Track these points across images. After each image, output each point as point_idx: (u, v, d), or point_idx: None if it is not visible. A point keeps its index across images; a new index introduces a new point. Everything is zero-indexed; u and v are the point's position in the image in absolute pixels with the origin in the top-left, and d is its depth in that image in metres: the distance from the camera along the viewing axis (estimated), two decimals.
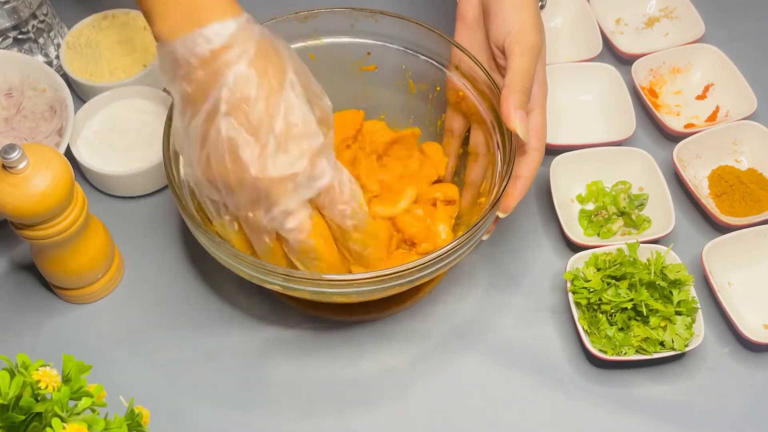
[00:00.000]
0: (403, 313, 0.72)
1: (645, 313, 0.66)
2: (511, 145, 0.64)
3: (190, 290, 0.73)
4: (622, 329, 0.67)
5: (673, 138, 0.82)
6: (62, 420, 0.46)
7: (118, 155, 0.77)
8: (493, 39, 0.66)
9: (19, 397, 0.46)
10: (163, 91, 0.69)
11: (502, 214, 0.64)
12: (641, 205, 0.77)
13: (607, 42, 0.89)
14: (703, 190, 0.79)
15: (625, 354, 0.66)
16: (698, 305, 0.67)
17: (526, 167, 0.64)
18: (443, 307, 0.72)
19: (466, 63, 0.69)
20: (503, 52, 0.65)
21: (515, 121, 0.61)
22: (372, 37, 0.73)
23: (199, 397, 0.67)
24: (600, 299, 0.67)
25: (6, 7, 0.79)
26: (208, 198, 0.59)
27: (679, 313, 0.67)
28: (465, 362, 0.69)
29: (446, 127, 0.73)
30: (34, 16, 0.82)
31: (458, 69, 0.70)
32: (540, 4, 0.90)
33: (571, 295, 0.69)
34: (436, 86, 0.73)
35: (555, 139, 0.80)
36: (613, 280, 0.69)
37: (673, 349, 0.66)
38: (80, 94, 0.84)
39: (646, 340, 0.66)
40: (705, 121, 0.85)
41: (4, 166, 0.57)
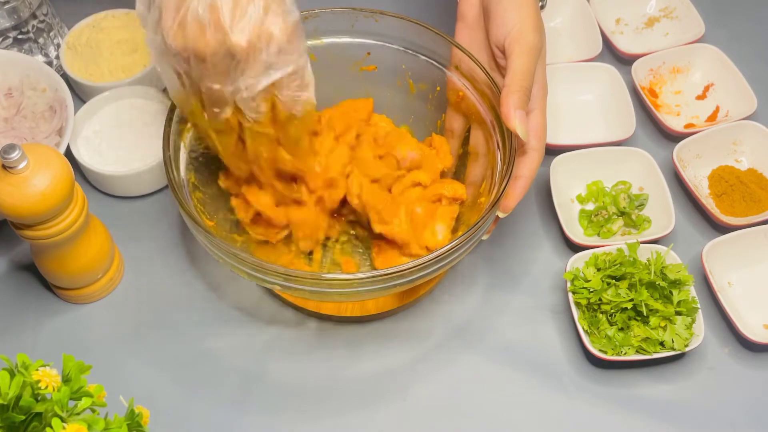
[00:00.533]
0: (403, 313, 0.72)
1: (645, 313, 0.66)
2: (511, 145, 0.64)
3: (190, 290, 0.73)
4: (622, 329, 0.67)
5: (673, 138, 0.82)
6: (62, 420, 0.46)
7: (118, 155, 0.77)
8: (493, 39, 0.66)
9: (19, 397, 0.46)
10: None
11: (502, 214, 0.64)
12: (641, 205, 0.77)
13: (607, 42, 0.89)
14: (703, 190, 0.79)
15: (625, 354, 0.66)
16: (698, 305, 0.67)
17: (526, 167, 0.64)
18: (443, 307, 0.72)
19: (466, 63, 0.69)
20: (503, 52, 0.65)
21: (515, 121, 0.61)
22: (372, 37, 0.73)
23: (199, 397, 0.67)
24: (600, 299, 0.67)
25: (6, 7, 0.79)
26: (171, 68, 0.58)
27: (679, 313, 0.67)
28: (465, 362, 0.69)
29: (446, 127, 0.73)
30: (34, 16, 0.82)
31: (458, 69, 0.70)
32: (540, 4, 0.90)
33: (571, 295, 0.69)
34: (436, 86, 0.73)
35: (555, 139, 0.80)
36: (613, 280, 0.69)
37: (673, 349, 0.66)
38: (80, 94, 0.84)
39: (646, 340, 0.66)
40: (705, 121, 0.85)
41: (4, 166, 0.57)
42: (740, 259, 0.73)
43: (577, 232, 0.76)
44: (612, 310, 0.67)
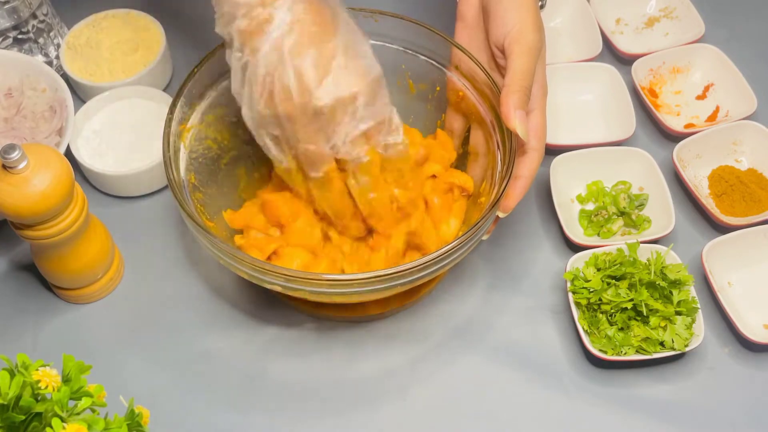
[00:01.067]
0: (403, 313, 0.72)
1: (645, 313, 0.66)
2: (511, 145, 0.64)
3: (190, 290, 0.73)
4: (622, 329, 0.67)
5: (673, 138, 0.82)
6: (62, 420, 0.46)
7: (118, 155, 0.77)
8: (493, 39, 0.66)
9: (19, 397, 0.46)
10: (219, 46, 0.66)
11: (502, 214, 0.64)
12: (641, 205, 0.77)
13: (607, 42, 0.89)
14: (703, 190, 0.79)
15: (625, 354, 0.66)
16: (698, 305, 0.67)
17: (526, 167, 0.64)
18: (443, 307, 0.72)
19: (466, 63, 0.69)
20: (503, 52, 0.65)
21: (515, 121, 0.61)
22: (371, 37, 0.72)
23: (199, 397, 0.67)
24: (600, 299, 0.67)
25: (6, 7, 0.79)
26: (269, 135, 0.60)
27: (679, 313, 0.67)
28: (465, 362, 0.69)
29: (446, 127, 0.73)
30: (34, 16, 0.82)
31: (458, 69, 0.70)
32: (540, 3, 0.90)
33: (571, 295, 0.69)
34: (436, 86, 0.73)
35: (555, 139, 0.80)
36: (613, 280, 0.69)
37: (673, 349, 0.66)
38: (80, 94, 0.84)
39: (646, 340, 0.66)
40: (705, 121, 0.85)
41: (4, 166, 0.57)
42: (740, 259, 0.73)
43: (577, 232, 0.76)
44: (612, 310, 0.67)
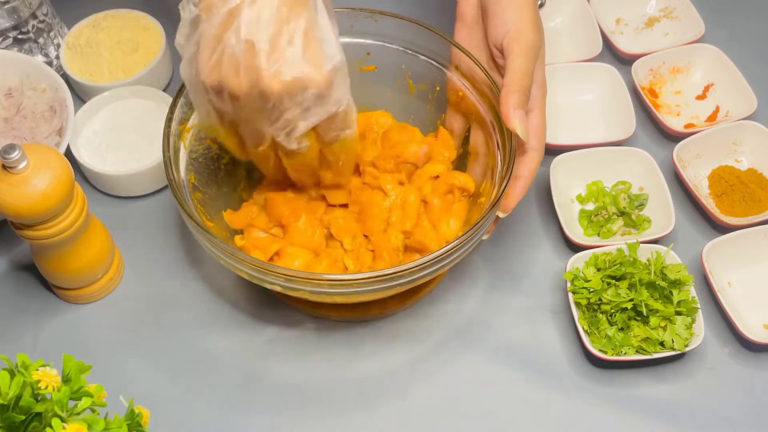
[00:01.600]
0: (403, 313, 0.72)
1: (645, 313, 0.66)
2: (511, 145, 0.64)
3: (190, 290, 0.73)
4: (622, 329, 0.67)
5: (673, 138, 0.82)
6: (62, 420, 0.46)
7: (118, 155, 0.77)
8: (492, 39, 0.66)
9: (19, 397, 0.46)
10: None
11: (502, 214, 0.64)
12: (641, 205, 0.77)
13: (607, 42, 0.89)
14: (703, 190, 0.79)
15: (625, 354, 0.66)
16: (698, 305, 0.67)
17: (526, 167, 0.64)
18: (443, 307, 0.72)
19: (466, 63, 0.69)
20: (502, 52, 0.65)
21: (515, 121, 0.61)
22: (371, 37, 0.73)
23: (199, 397, 0.67)
24: (600, 299, 0.67)
25: (6, 7, 0.79)
26: (205, 101, 0.57)
27: (679, 313, 0.67)
28: (465, 362, 0.69)
29: (446, 126, 0.73)
30: (34, 16, 0.82)
31: (458, 69, 0.70)
32: (539, 2, 0.90)
33: (571, 295, 0.69)
34: (436, 86, 0.73)
35: (555, 139, 0.80)
36: (613, 280, 0.69)
37: (673, 349, 0.66)
38: (80, 94, 0.84)
39: (646, 340, 0.66)
40: (705, 121, 0.85)
41: (4, 166, 0.57)
42: (740, 259, 0.73)
43: (577, 232, 0.76)
44: (612, 310, 0.67)
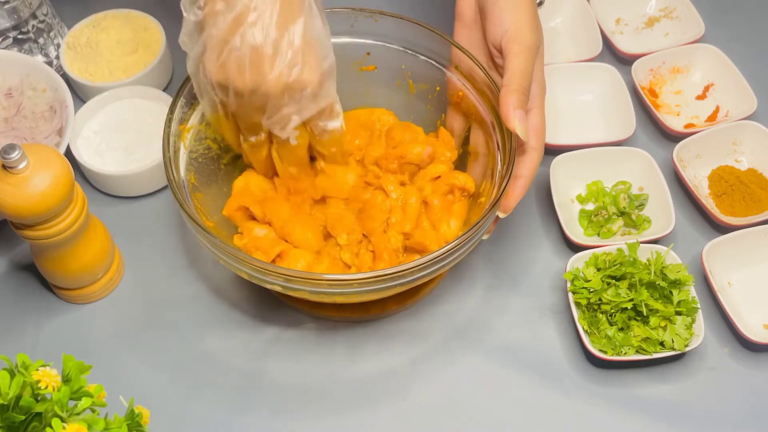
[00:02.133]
0: (403, 313, 0.72)
1: (645, 313, 0.66)
2: (511, 145, 0.64)
3: (190, 290, 0.73)
4: (622, 329, 0.67)
5: (673, 138, 0.82)
6: (62, 420, 0.46)
7: (118, 155, 0.77)
8: (490, 38, 0.66)
9: (19, 397, 0.46)
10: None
11: (502, 214, 0.64)
12: (641, 205, 0.77)
13: (607, 42, 0.89)
14: (703, 190, 0.79)
15: (625, 354, 0.66)
16: (698, 305, 0.67)
17: (526, 167, 0.64)
18: (443, 307, 0.72)
19: (466, 63, 0.69)
20: (500, 51, 0.65)
21: (514, 121, 0.61)
22: (371, 37, 0.73)
23: (199, 397, 0.67)
24: (600, 299, 0.67)
25: (6, 7, 0.79)
26: (210, 95, 0.61)
27: (679, 313, 0.67)
28: (465, 362, 0.69)
29: (447, 126, 0.73)
30: (34, 16, 0.82)
31: (458, 69, 0.70)
32: (538, 1, 0.90)
33: (571, 295, 0.69)
34: (436, 86, 0.73)
35: (555, 139, 0.80)
36: (613, 280, 0.69)
37: (673, 349, 0.66)
38: (80, 94, 0.84)
39: (646, 340, 0.66)
40: (705, 121, 0.85)
41: (4, 166, 0.57)
42: (740, 259, 0.73)
43: (577, 232, 0.76)
44: (612, 310, 0.67)
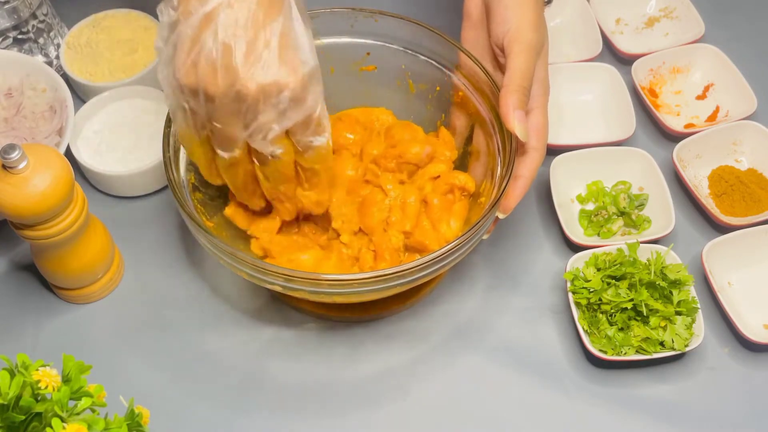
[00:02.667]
0: (403, 313, 0.72)
1: (645, 313, 0.66)
2: (512, 146, 0.64)
3: (190, 290, 0.73)
4: (622, 329, 0.67)
5: (673, 138, 0.82)
6: (62, 420, 0.46)
7: (118, 155, 0.77)
8: (493, 38, 0.66)
9: (19, 397, 0.46)
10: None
11: (501, 215, 0.64)
12: (641, 205, 0.77)
13: (607, 42, 0.89)
14: (703, 190, 0.79)
15: (625, 354, 0.66)
16: (698, 305, 0.67)
17: (526, 167, 0.64)
18: (443, 307, 0.72)
19: (467, 62, 0.69)
20: (503, 51, 0.65)
21: (514, 122, 0.61)
22: (371, 37, 0.73)
23: (199, 397, 0.67)
24: (600, 299, 0.67)
25: (6, 7, 0.79)
26: (180, 103, 0.57)
27: (679, 313, 0.67)
28: (465, 362, 0.69)
29: (450, 124, 0.73)
30: (34, 16, 0.82)
31: (458, 69, 0.70)
32: (545, 0, 0.90)
33: (571, 295, 0.69)
34: (436, 86, 0.73)
35: (555, 139, 0.80)
36: (613, 280, 0.69)
37: (673, 349, 0.66)
38: (80, 94, 0.84)
39: (646, 340, 0.66)
40: (705, 121, 0.85)
41: (4, 166, 0.57)
42: (740, 259, 0.73)
43: (577, 232, 0.76)
44: (612, 310, 0.67)
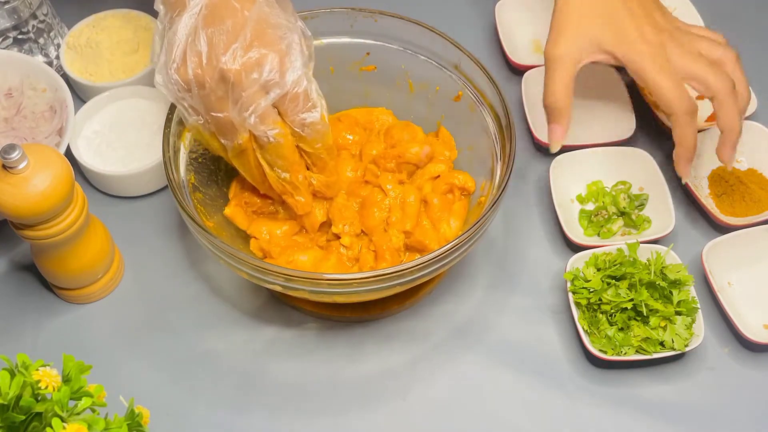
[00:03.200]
0: (403, 313, 0.72)
1: (645, 313, 0.66)
2: (511, 146, 0.64)
3: (190, 290, 0.73)
4: (622, 329, 0.67)
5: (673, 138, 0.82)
6: (62, 420, 0.46)
7: (118, 155, 0.77)
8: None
9: (19, 397, 0.46)
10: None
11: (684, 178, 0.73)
12: (641, 206, 0.77)
13: None
14: (703, 190, 0.79)
15: (625, 354, 0.66)
16: (698, 305, 0.67)
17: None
18: (443, 307, 0.72)
19: (466, 63, 0.69)
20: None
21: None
22: (371, 37, 0.73)
23: (199, 397, 0.67)
24: (600, 299, 0.67)
25: (6, 7, 0.79)
26: (181, 103, 0.61)
27: (679, 313, 0.67)
28: (465, 362, 0.69)
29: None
30: (34, 16, 0.82)
31: (458, 69, 0.70)
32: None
33: (571, 295, 0.69)
34: (436, 86, 0.73)
35: None
36: (613, 280, 0.69)
37: (673, 349, 0.66)
38: (80, 94, 0.84)
39: (646, 340, 0.66)
40: (705, 121, 0.85)
41: (4, 166, 0.57)
42: (740, 259, 0.73)
43: (577, 232, 0.76)
44: (612, 310, 0.67)
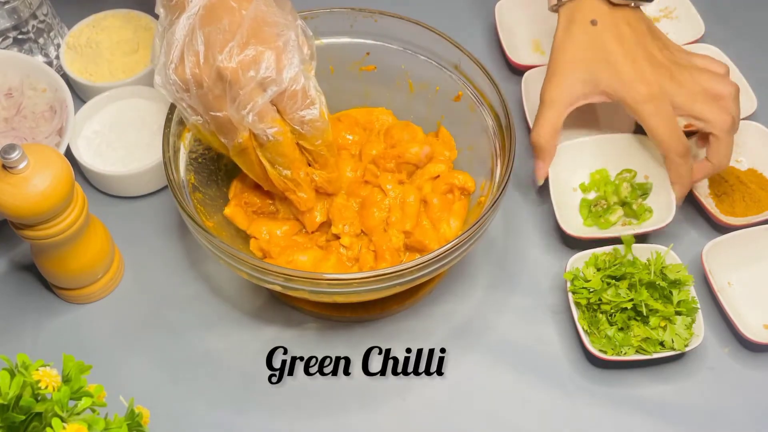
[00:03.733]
0: (403, 313, 0.72)
1: (645, 313, 0.66)
2: (511, 146, 0.64)
3: (190, 290, 0.73)
4: (622, 329, 0.67)
5: None
6: (62, 420, 0.46)
7: (118, 155, 0.77)
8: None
9: (19, 397, 0.46)
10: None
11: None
12: (644, 194, 0.76)
13: None
14: (703, 190, 0.79)
15: (625, 354, 0.66)
16: (698, 305, 0.67)
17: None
18: (443, 307, 0.72)
19: (466, 63, 0.69)
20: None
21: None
22: (371, 37, 0.73)
23: (199, 397, 0.67)
24: (600, 299, 0.67)
25: (6, 7, 0.79)
26: (180, 102, 0.62)
27: (679, 313, 0.67)
28: (465, 362, 0.69)
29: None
30: (34, 16, 0.82)
31: (458, 69, 0.70)
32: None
33: (571, 295, 0.69)
34: (436, 86, 0.73)
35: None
36: (613, 280, 0.69)
37: (673, 349, 0.66)
38: (80, 94, 0.84)
39: (646, 340, 0.66)
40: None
41: (4, 166, 0.57)
42: (740, 259, 0.73)
43: (575, 223, 0.75)
44: (612, 310, 0.67)
